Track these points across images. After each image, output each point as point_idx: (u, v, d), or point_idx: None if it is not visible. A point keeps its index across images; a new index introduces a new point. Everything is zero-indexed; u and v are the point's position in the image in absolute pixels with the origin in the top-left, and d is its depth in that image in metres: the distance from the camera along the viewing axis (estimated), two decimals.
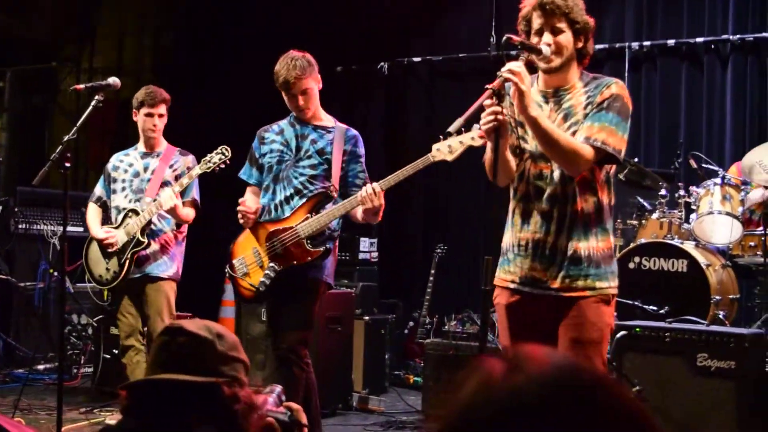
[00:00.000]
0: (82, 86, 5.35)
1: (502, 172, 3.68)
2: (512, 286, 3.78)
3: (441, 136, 4.35)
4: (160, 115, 6.03)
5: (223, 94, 10.09)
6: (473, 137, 4.26)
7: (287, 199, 4.94)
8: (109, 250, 5.91)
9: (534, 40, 3.71)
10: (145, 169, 6.04)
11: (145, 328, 5.92)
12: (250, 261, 4.95)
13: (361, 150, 5.05)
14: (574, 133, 3.65)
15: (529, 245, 3.73)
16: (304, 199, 4.88)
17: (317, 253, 4.80)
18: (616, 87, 3.69)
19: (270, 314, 5.03)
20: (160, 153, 6.07)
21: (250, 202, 4.98)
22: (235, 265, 5.00)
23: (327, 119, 5.10)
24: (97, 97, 5.18)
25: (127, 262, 5.85)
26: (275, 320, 4.94)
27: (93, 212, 6.17)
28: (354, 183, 4.96)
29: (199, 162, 5.76)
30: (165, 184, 5.91)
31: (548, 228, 3.69)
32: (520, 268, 3.76)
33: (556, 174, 3.69)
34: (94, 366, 7.26)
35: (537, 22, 3.69)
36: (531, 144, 3.74)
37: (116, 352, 6.54)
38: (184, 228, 6.10)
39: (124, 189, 6.04)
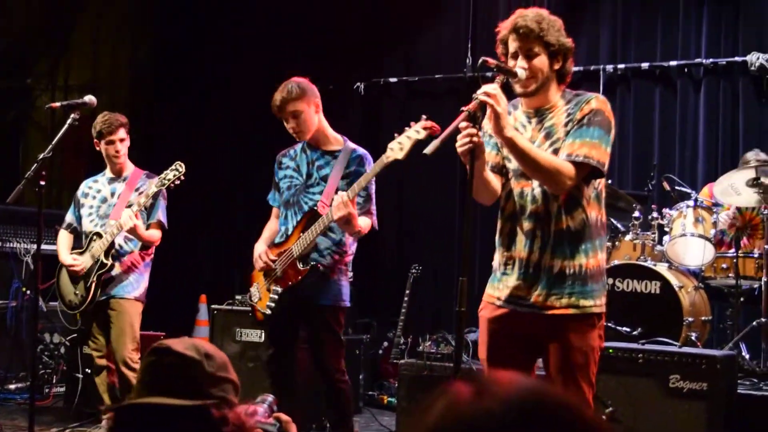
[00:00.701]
0: (58, 104, 5.35)
1: (483, 192, 3.71)
2: (498, 303, 3.78)
3: (396, 134, 4.53)
4: (121, 140, 6.01)
5: (199, 110, 10.09)
6: (417, 130, 4.40)
7: None
8: (76, 275, 5.90)
9: (510, 63, 3.72)
10: (112, 194, 6.05)
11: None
12: (261, 286, 5.14)
13: (366, 168, 5.03)
14: (556, 152, 3.65)
15: (515, 264, 3.74)
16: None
17: (305, 271, 4.90)
18: (596, 102, 3.69)
19: (273, 339, 5.19)
20: (127, 177, 6.07)
21: (263, 255, 5.08)
22: (252, 293, 5.21)
23: (336, 142, 5.17)
24: (72, 115, 5.18)
25: (93, 285, 5.84)
26: (283, 348, 5.14)
27: (62, 238, 6.19)
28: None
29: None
30: (131, 206, 5.91)
31: (532, 246, 3.69)
32: (505, 286, 3.76)
33: (538, 192, 3.70)
34: (66, 385, 7.21)
35: (512, 45, 3.71)
36: (514, 162, 3.74)
37: (89, 371, 6.50)
38: (152, 249, 6.09)
39: (90, 214, 6.06)
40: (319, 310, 5.00)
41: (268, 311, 5.00)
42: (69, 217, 6.22)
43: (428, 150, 3.50)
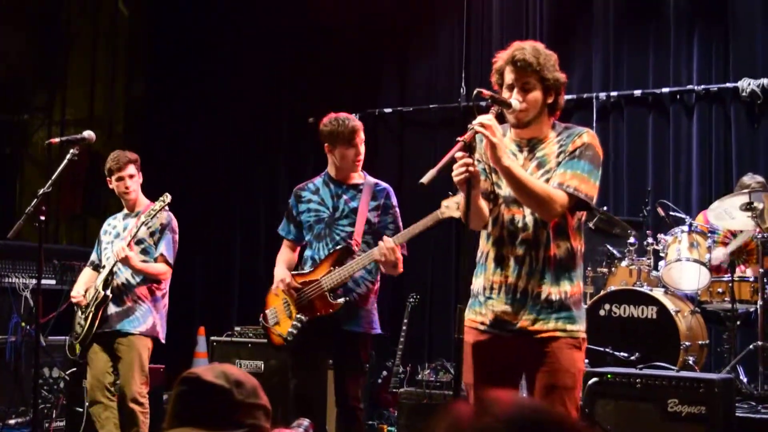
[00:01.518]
0: (57, 140, 5.39)
1: (475, 218, 3.75)
2: (482, 327, 3.80)
3: (450, 192, 4.59)
4: (131, 176, 6.04)
5: (195, 142, 10.15)
6: None
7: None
8: (79, 307, 5.97)
9: (505, 94, 3.78)
10: (125, 229, 6.07)
11: (118, 383, 5.90)
12: (280, 311, 5.19)
13: (393, 201, 5.26)
14: (547, 181, 3.71)
15: (502, 288, 3.75)
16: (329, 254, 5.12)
17: (338, 305, 5.00)
18: (588, 136, 3.77)
19: (298, 364, 5.18)
20: (139, 212, 6.10)
21: (289, 280, 5.13)
22: (267, 315, 5.25)
23: (357, 177, 5.31)
24: (72, 150, 5.22)
25: (91, 315, 5.85)
26: (306, 372, 5.16)
27: (83, 274, 6.23)
28: (384, 234, 5.15)
29: (173, 219, 5.94)
30: (139, 242, 5.93)
31: (520, 272, 3.72)
32: (491, 310, 3.77)
33: (529, 219, 3.74)
34: (66, 419, 7.20)
35: (509, 77, 3.77)
36: (505, 190, 3.78)
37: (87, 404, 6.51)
38: (164, 285, 6.07)
39: (106, 250, 6.09)
40: (351, 337, 5.11)
41: (290, 338, 5.07)
42: (93, 255, 6.27)
43: (424, 179, 3.53)
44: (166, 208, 5.72)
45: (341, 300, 5.02)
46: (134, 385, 5.79)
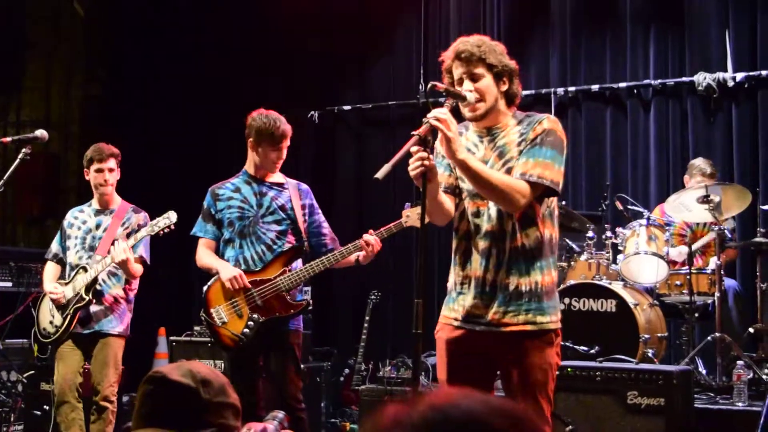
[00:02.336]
0: (8, 139, 5.32)
1: (437, 213, 3.74)
2: (455, 323, 3.79)
3: (408, 204, 4.99)
4: (110, 170, 6.05)
5: (151, 145, 10.06)
6: None
7: (259, 255, 5.17)
8: (55, 305, 5.90)
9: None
10: (98, 226, 6.05)
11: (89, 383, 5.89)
12: (227, 310, 5.10)
13: (315, 201, 5.40)
14: (509, 170, 3.68)
15: (471, 283, 3.75)
16: (276, 254, 5.14)
17: (300, 305, 5.07)
18: (548, 122, 3.74)
19: (239, 365, 5.16)
20: (114, 210, 6.09)
21: (244, 279, 5.08)
22: (212, 315, 5.13)
23: (279, 176, 5.37)
24: (24, 149, 5.15)
25: (69, 317, 5.83)
26: (249, 373, 5.12)
27: (48, 269, 6.18)
28: (320, 233, 5.32)
29: (148, 219, 5.95)
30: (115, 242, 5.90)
31: (488, 265, 3.71)
32: (462, 306, 3.77)
33: (493, 211, 3.73)
34: (24, 423, 7.12)
35: (457, 72, 3.77)
36: (467, 183, 3.77)
37: (47, 408, 6.44)
38: (135, 284, 6.11)
39: (75, 245, 6.04)
40: (287, 336, 5.10)
41: (245, 338, 5.01)
42: (55, 247, 6.20)
43: (379, 174, 3.51)
44: (172, 226, 5.72)
45: (303, 300, 5.09)
46: (107, 384, 5.85)
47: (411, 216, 4.84)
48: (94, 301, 5.87)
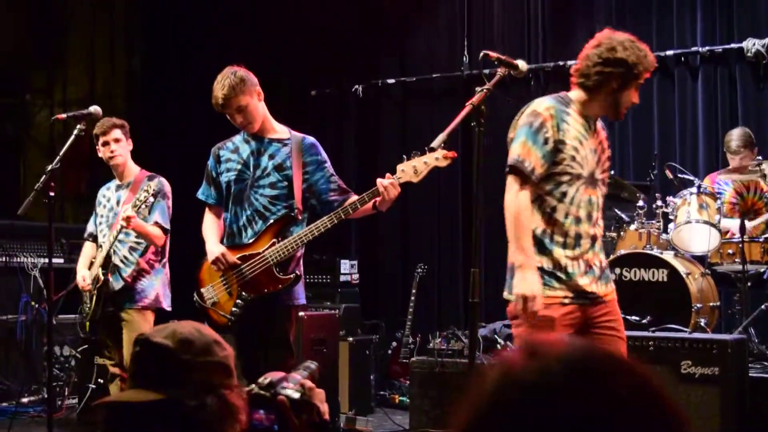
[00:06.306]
0: (63, 116, 5.35)
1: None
2: (566, 301, 3.93)
3: (405, 156, 4.37)
4: (116, 140, 5.95)
5: (195, 117, 10.09)
6: (437, 157, 4.24)
7: (250, 223, 4.79)
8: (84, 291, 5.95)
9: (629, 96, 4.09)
10: (118, 202, 6.01)
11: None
12: (219, 289, 4.81)
13: (323, 155, 4.89)
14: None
15: (581, 264, 3.96)
16: (268, 223, 4.74)
17: (288, 280, 4.68)
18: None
19: (242, 345, 4.67)
20: (131, 183, 6.03)
21: (229, 257, 4.73)
22: (204, 294, 4.86)
23: (281, 130, 4.94)
24: (78, 126, 5.18)
25: (95, 297, 5.85)
26: (250, 353, 4.68)
27: (85, 250, 6.19)
28: (329, 189, 4.82)
29: (165, 185, 5.94)
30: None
31: (592, 247, 4.00)
32: (573, 284, 3.94)
33: (601, 201, 4.05)
34: (78, 397, 7.22)
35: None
36: (585, 169, 3.92)
37: (101, 381, 6.53)
38: (164, 255, 6.04)
39: (101, 224, 6.06)
40: (279, 312, 4.76)
41: (234, 318, 4.71)
42: (90, 227, 6.21)
43: (435, 144, 3.58)
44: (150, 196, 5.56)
45: (292, 275, 4.69)
46: None
47: (406, 171, 4.35)
48: (111, 278, 5.82)
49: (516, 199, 3.80)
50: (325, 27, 9.78)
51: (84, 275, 5.95)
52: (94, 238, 6.15)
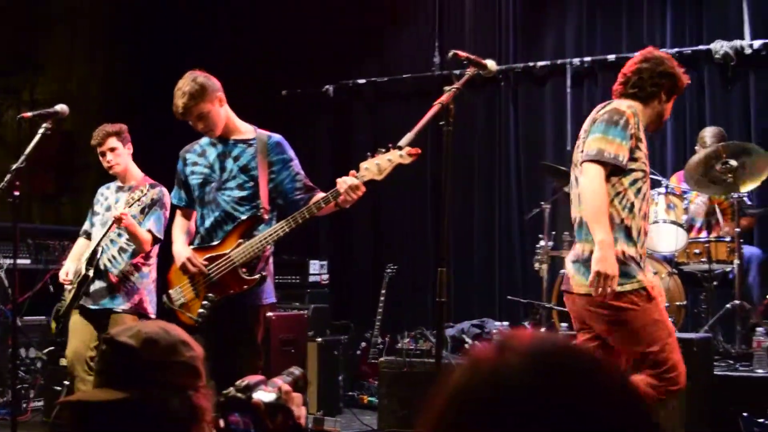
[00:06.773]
0: (29, 114, 5.29)
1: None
2: (643, 291, 4.15)
3: (369, 154, 4.34)
4: (112, 149, 5.95)
5: (171, 123, 10.04)
6: (401, 155, 4.17)
7: (219, 224, 4.75)
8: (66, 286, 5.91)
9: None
10: (116, 203, 5.99)
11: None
12: (187, 291, 4.76)
13: (289, 153, 4.83)
14: None
15: (643, 257, 4.20)
16: (236, 224, 4.69)
17: (253, 281, 4.63)
18: None
19: (211, 346, 4.32)
20: (132, 187, 6.00)
21: (195, 260, 4.68)
22: (172, 296, 4.81)
23: (246, 130, 4.89)
24: (44, 125, 5.13)
25: (73, 291, 5.82)
26: (218, 353, 4.46)
27: (77, 246, 6.17)
28: (294, 188, 4.76)
29: (165, 195, 5.88)
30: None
31: (644, 243, 4.22)
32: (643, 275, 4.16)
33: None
34: (44, 399, 7.16)
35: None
36: (648, 167, 4.16)
37: (67, 383, 6.47)
38: (151, 259, 6.01)
39: (96, 223, 6.04)
40: (245, 313, 4.71)
41: (200, 319, 4.64)
42: (86, 224, 6.19)
43: (402, 142, 3.56)
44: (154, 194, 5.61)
45: (257, 276, 4.63)
46: None
47: (370, 168, 4.32)
48: (97, 273, 5.80)
49: (601, 188, 3.99)
50: (296, 27, 9.77)
51: (68, 269, 5.92)
52: (88, 235, 6.13)
